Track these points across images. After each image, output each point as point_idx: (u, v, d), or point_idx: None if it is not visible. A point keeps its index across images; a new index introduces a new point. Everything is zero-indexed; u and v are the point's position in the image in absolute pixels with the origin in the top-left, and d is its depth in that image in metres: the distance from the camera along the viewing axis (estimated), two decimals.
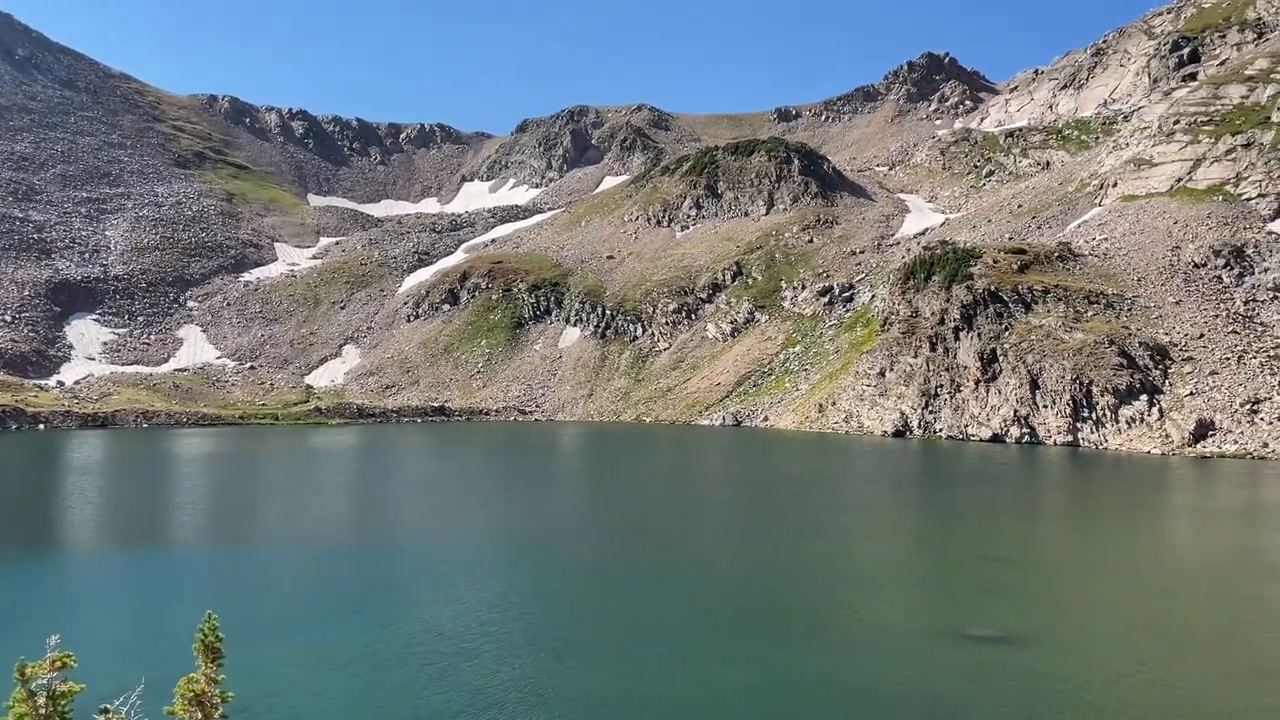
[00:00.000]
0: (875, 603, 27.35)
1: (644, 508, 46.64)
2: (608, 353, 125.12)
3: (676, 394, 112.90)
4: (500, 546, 35.48)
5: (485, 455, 77.46)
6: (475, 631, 23.23)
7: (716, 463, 71.25)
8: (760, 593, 28.14)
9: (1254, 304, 75.89)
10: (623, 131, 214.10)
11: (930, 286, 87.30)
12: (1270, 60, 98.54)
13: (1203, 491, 51.86)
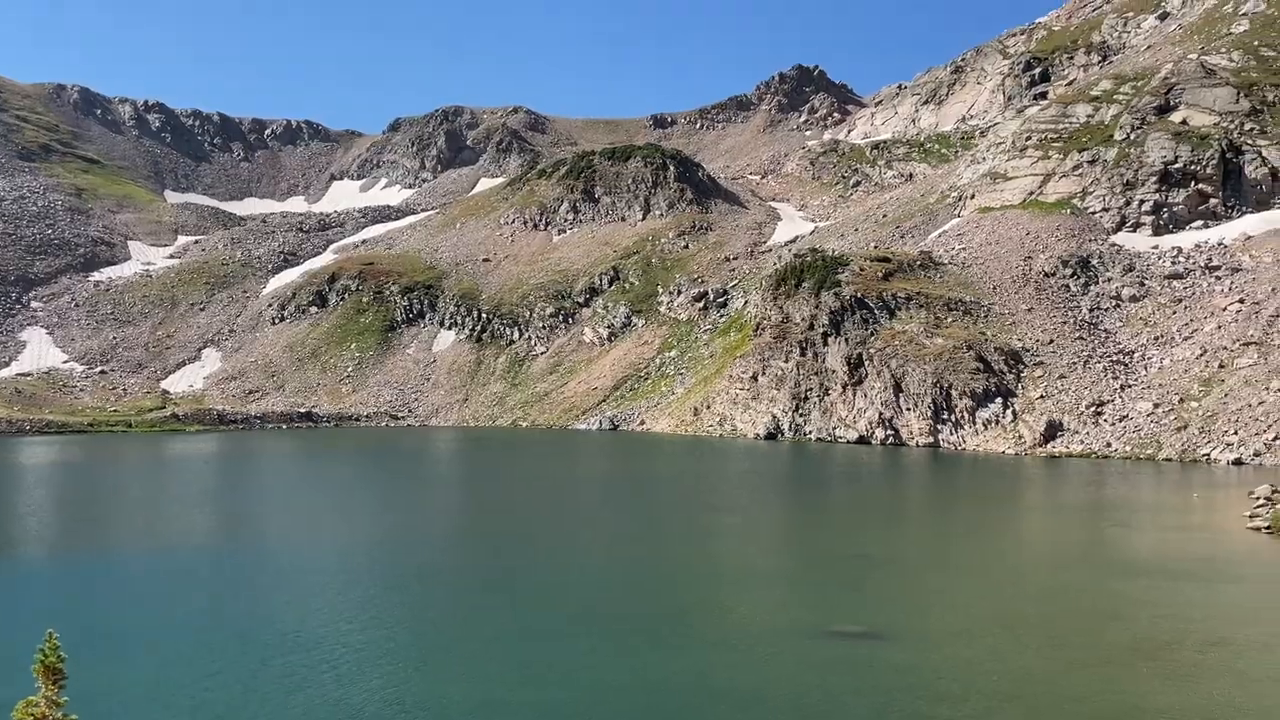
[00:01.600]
0: (745, 602, 27.65)
1: (516, 512, 46.07)
2: (483, 357, 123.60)
3: (554, 398, 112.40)
4: (364, 555, 34.39)
5: (352, 462, 75.28)
6: (335, 642, 22.37)
7: (592, 466, 71.14)
8: (631, 594, 28.08)
9: (1098, 311, 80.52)
10: (499, 133, 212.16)
11: (801, 293, 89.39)
12: (1113, 82, 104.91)
13: (1051, 489, 54.63)
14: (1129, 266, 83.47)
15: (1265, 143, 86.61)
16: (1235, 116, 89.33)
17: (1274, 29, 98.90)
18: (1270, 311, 71.41)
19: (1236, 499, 42.64)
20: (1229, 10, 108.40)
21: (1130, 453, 65.14)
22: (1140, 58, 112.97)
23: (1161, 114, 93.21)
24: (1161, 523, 41.23)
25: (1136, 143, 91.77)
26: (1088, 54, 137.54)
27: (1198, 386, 68.01)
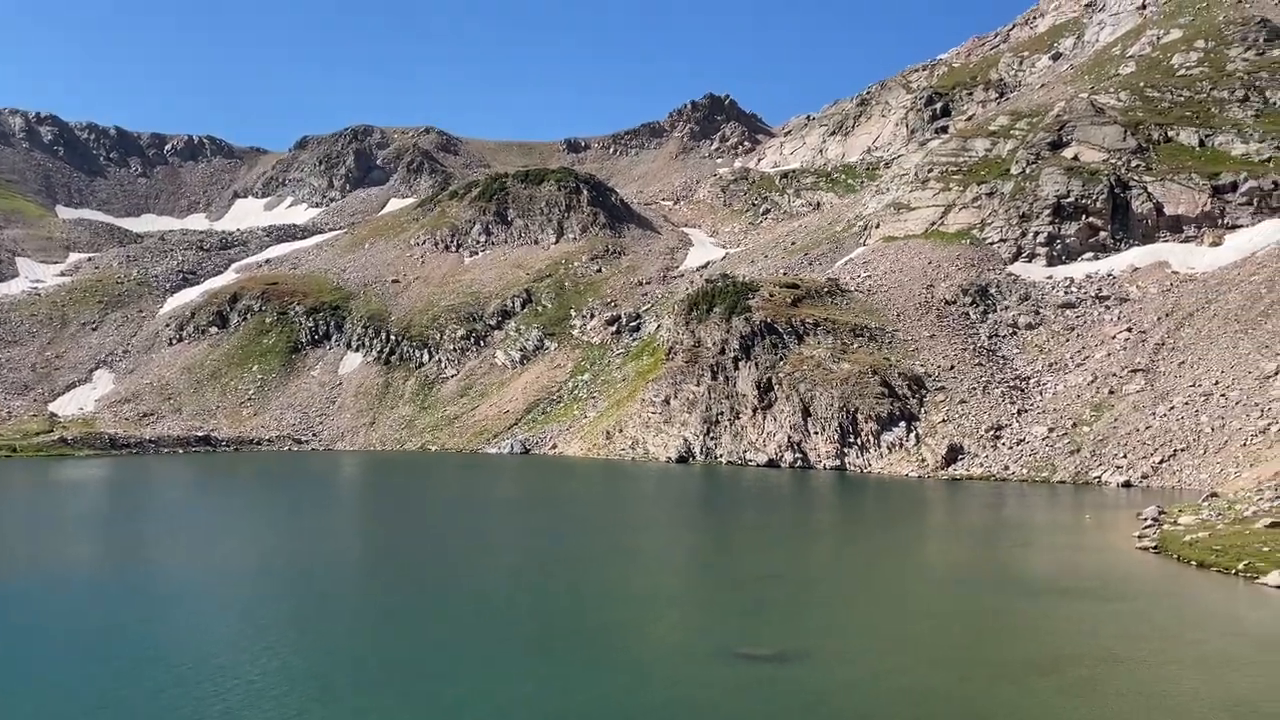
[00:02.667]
0: (654, 624, 27.51)
1: (422, 537, 45.09)
2: (392, 379, 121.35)
3: (464, 422, 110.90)
4: (260, 583, 33.16)
5: (251, 486, 72.87)
6: (228, 674, 21.42)
7: (502, 490, 70.25)
8: (538, 617, 27.68)
9: (996, 339, 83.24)
10: (410, 153, 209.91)
11: (712, 317, 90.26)
12: (1010, 118, 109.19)
13: (953, 511, 55.98)
14: (1025, 295, 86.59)
15: (1150, 179, 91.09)
16: (1123, 154, 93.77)
17: (1158, 71, 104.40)
18: (1155, 340, 74.84)
19: (1126, 520, 44.33)
20: (1117, 53, 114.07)
21: (1027, 475, 67.26)
22: (1035, 95, 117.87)
23: (1055, 150, 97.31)
24: (1056, 543, 42.57)
25: (1031, 177, 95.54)
26: (986, 91, 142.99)
27: (1089, 411, 70.73)
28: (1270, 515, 36.34)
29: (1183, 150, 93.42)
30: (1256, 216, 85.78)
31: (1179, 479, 59.93)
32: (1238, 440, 59.57)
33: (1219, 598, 29.65)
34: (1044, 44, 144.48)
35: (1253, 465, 54.91)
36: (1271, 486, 44.26)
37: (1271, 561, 30.37)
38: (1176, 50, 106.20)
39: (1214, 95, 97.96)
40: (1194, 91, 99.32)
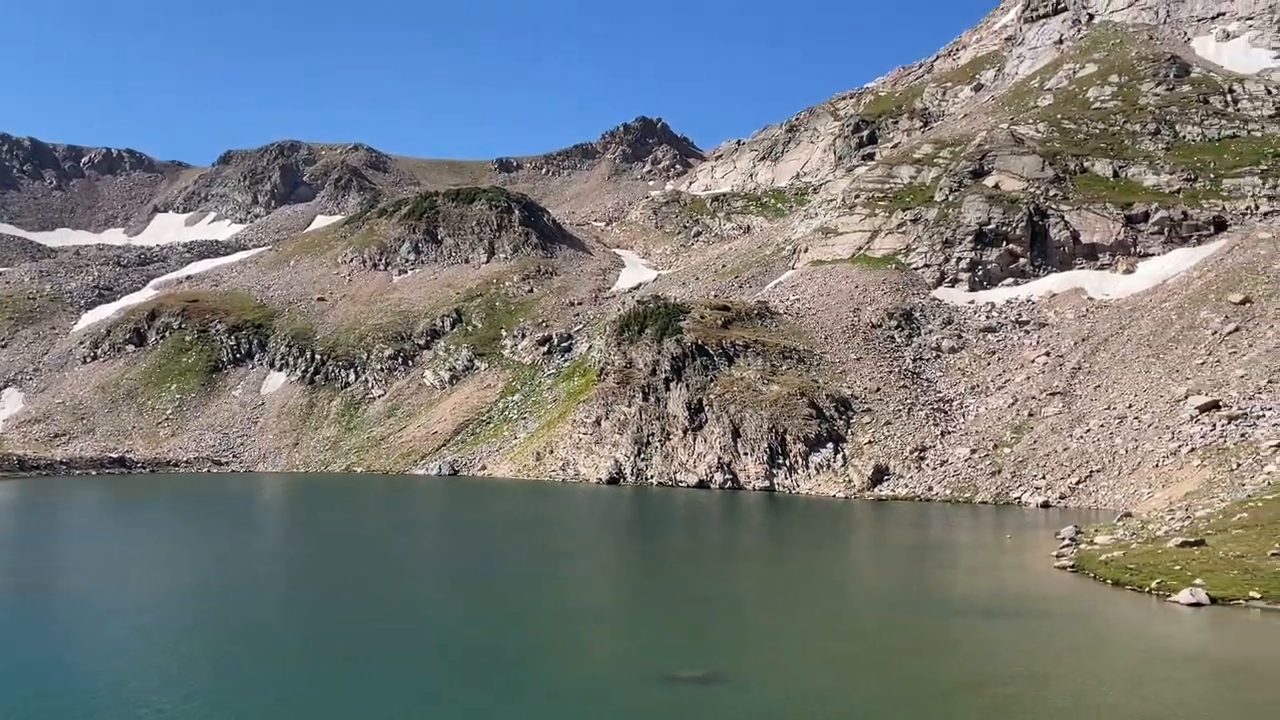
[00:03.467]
0: (584, 647, 27.26)
1: (344, 560, 44.08)
2: (316, 400, 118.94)
3: (391, 443, 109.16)
4: (171, 611, 32.01)
5: (166, 510, 70.57)
6: (132, 703, 20.57)
7: (429, 512, 69.19)
8: (466, 642, 27.21)
9: (921, 362, 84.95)
10: (338, 170, 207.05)
11: (644, 339, 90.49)
12: (934, 146, 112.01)
13: (879, 531, 56.79)
14: (948, 320, 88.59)
15: (1067, 208, 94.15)
16: (1041, 183, 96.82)
17: (1074, 104, 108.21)
18: (1072, 364, 77.14)
19: (1045, 540, 45.40)
20: (1035, 85, 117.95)
21: (950, 496, 68.57)
22: (958, 125, 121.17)
23: (976, 178, 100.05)
24: (979, 563, 43.42)
25: (954, 204, 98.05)
26: (911, 119, 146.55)
27: (1010, 433, 72.49)
28: (1181, 535, 37.55)
29: (1098, 181, 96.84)
30: (1167, 246, 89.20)
31: (1095, 499, 61.67)
32: (1150, 462, 61.56)
33: (1133, 615, 30.48)
34: (966, 75, 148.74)
35: (1164, 486, 56.77)
36: (1182, 507, 45.80)
37: (1182, 579, 31.35)
38: (1092, 84, 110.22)
39: (1127, 128, 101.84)
40: (1108, 124, 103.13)
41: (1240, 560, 32.12)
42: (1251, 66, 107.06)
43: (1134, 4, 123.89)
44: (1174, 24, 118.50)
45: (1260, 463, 50.27)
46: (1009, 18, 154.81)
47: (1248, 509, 38.82)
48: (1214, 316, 74.22)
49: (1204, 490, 49.49)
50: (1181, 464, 58.86)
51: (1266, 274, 77.20)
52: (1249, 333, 70.72)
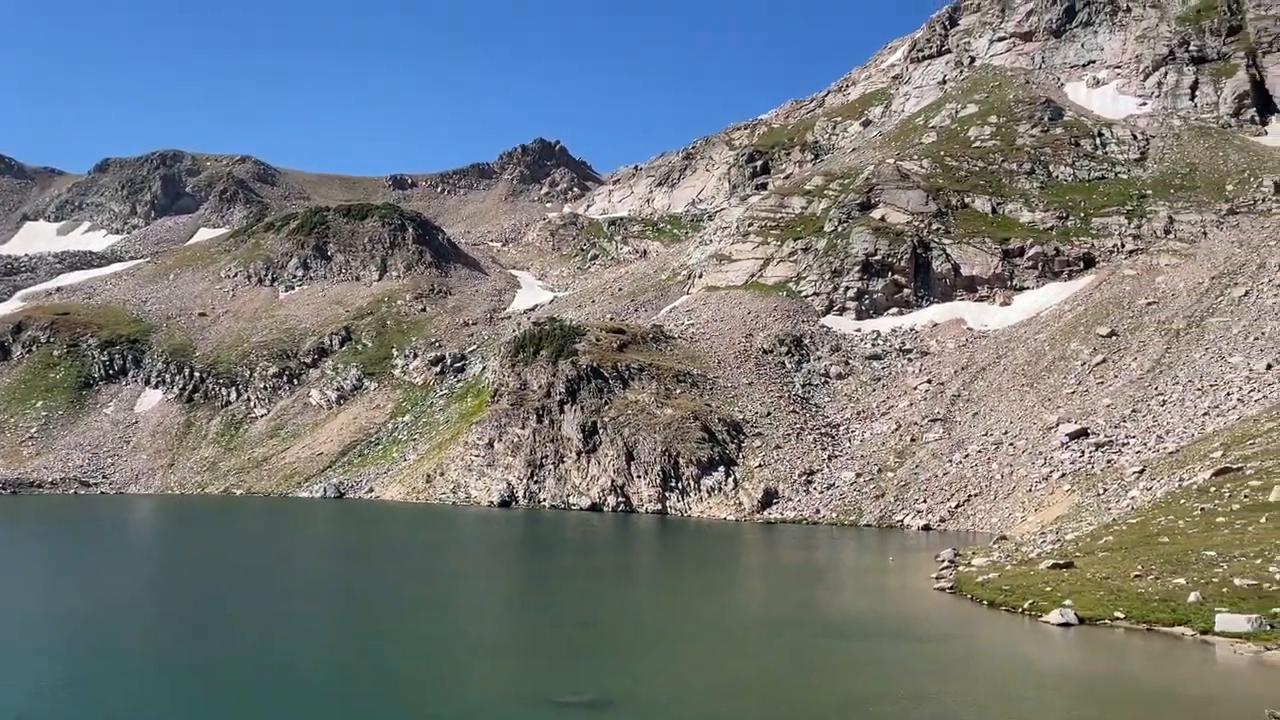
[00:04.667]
0: (471, 673, 26.74)
1: (218, 587, 42.27)
2: (194, 419, 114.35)
3: (274, 464, 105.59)
4: (20, 642, 30.12)
5: (21, 533, 66.55)
6: None
7: (313, 536, 67.03)
8: (348, 670, 26.35)
9: (810, 387, 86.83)
10: (223, 182, 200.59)
11: (539, 360, 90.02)
12: (824, 178, 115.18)
13: (768, 554, 57.56)
14: (836, 347, 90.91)
15: (949, 241, 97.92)
16: (925, 216, 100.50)
17: (956, 141, 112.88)
18: (952, 391, 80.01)
19: (925, 562, 46.76)
20: (920, 123, 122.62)
21: (836, 519, 70.10)
22: (847, 159, 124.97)
23: (864, 210, 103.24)
24: (863, 584, 44.42)
25: (843, 235, 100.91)
26: (802, 151, 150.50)
27: (893, 458, 74.63)
28: (1051, 557, 39.16)
29: (977, 216, 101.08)
30: (1041, 280, 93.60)
31: (973, 522, 63.92)
32: (1024, 486, 64.20)
33: (1007, 635, 31.59)
34: (856, 111, 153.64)
35: (1037, 510, 59.26)
36: (1053, 530, 47.82)
37: (1053, 600, 32.66)
38: (973, 124, 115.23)
39: (1005, 167, 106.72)
40: (987, 162, 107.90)
41: (1106, 581, 33.66)
42: (1119, 112, 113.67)
43: (1012, 49, 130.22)
44: (1049, 69, 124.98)
45: (1124, 488, 52.93)
46: (897, 57, 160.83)
47: (1113, 532, 40.77)
48: (1083, 348, 78.13)
49: (1073, 514, 51.80)
50: (1053, 489, 61.56)
51: (1131, 309, 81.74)
52: (1115, 364, 74.67)
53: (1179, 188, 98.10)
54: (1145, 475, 53.41)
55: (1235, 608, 28.13)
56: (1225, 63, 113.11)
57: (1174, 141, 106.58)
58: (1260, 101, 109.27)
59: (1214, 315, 75.89)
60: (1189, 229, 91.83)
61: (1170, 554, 34.41)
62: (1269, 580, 29.42)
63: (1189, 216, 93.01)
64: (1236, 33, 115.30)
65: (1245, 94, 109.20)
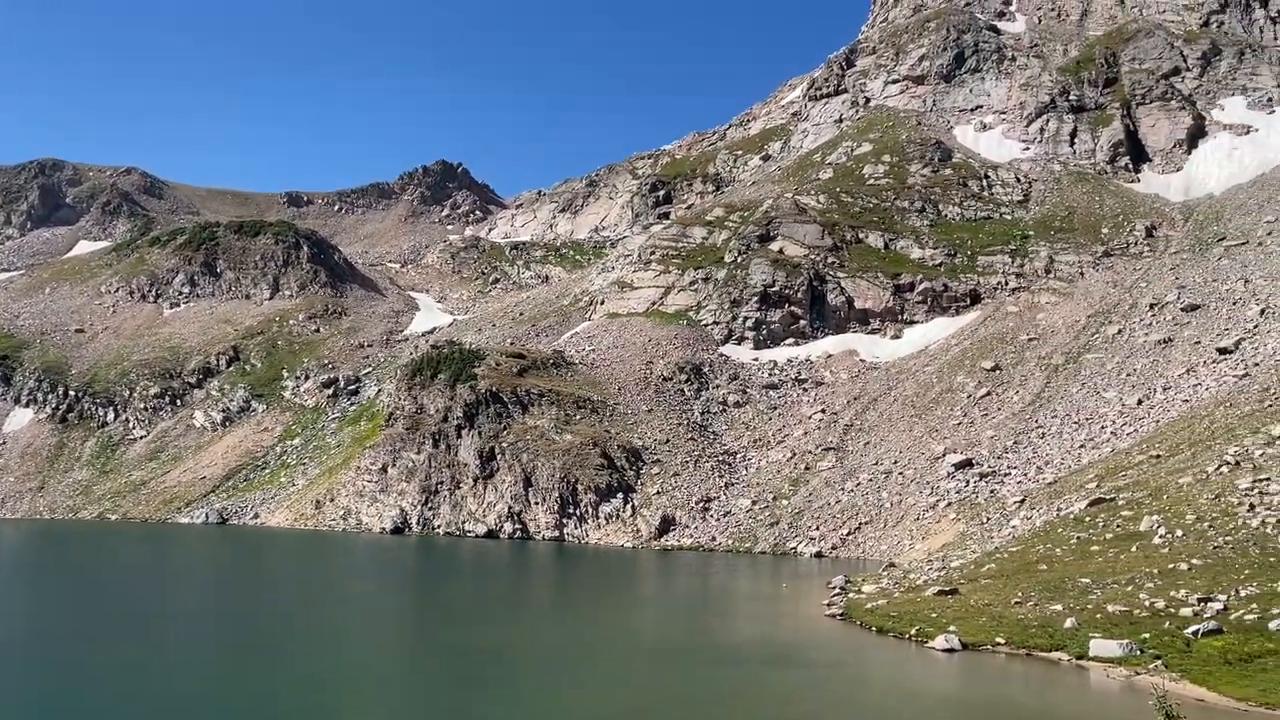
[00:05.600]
0: (359, 708, 25.87)
1: (82, 619, 40.03)
2: (68, 440, 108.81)
3: (152, 488, 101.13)
4: None
5: None
6: None
7: (190, 563, 64.21)
8: (227, 707, 25.20)
9: (708, 415, 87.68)
10: (106, 194, 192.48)
11: (436, 384, 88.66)
12: (725, 210, 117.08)
13: (664, 581, 57.63)
14: (734, 375, 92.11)
15: (843, 275, 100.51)
16: (821, 250, 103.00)
17: (851, 179, 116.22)
18: (845, 421, 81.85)
19: (817, 589, 47.47)
20: (818, 159, 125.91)
21: (732, 546, 70.69)
22: (747, 191, 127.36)
23: (763, 242, 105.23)
24: (757, 611, 44.81)
25: (742, 265, 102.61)
26: (704, 183, 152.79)
27: (788, 486, 75.80)
28: (937, 584, 40.23)
29: (870, 251, 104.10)
30: (930, 314, 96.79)
31: (863, 550, 65.28)
32: (912, 515, 65.93)
33: (894, 661, 32.25)
34: (756, 145, 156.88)
35: (924, 538, 60.90)
36: (939, 557, 49.18)
37: (938, 626, 33.52)
38: (867, 162, 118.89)
39: (897, 204, 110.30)
40: (881, 200, 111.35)
41: (988, 608, 34.72)
42: (1004, 156, 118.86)
43: (905, 91, 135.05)
44: (939, 112, 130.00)
45: (1006, 517, 54.84)
46: (796, 94, 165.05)
47: (995, 560, 42.14)
48: (969, 381, 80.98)
49: (958, 542, 53.37)
50: (939, 517, 63.39)
51: (1014, 344, 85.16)
52: (998, 397, 77.59)
53: (1059, 229, 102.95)
54: (1025, 505, 55.45)
55: (1108, 633, 29.31)
56: (1102, 112, 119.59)
57: (1055, 185, 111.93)
58: (1134, 150, 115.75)
59: (1090, 352, 79.65)
60: (1068, 269, 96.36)
61: (1048, 581, 35.71)
62: (1139, 607, 30.78)
63: (1068, 257, 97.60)
64: (1112, 84, 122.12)
65: (1120, 143, 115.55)
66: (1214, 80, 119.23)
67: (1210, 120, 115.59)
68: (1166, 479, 44.62)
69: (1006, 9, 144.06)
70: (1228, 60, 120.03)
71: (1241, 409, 55.72)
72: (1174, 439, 55.59)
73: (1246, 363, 67.95)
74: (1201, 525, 36.21)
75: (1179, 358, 73.48)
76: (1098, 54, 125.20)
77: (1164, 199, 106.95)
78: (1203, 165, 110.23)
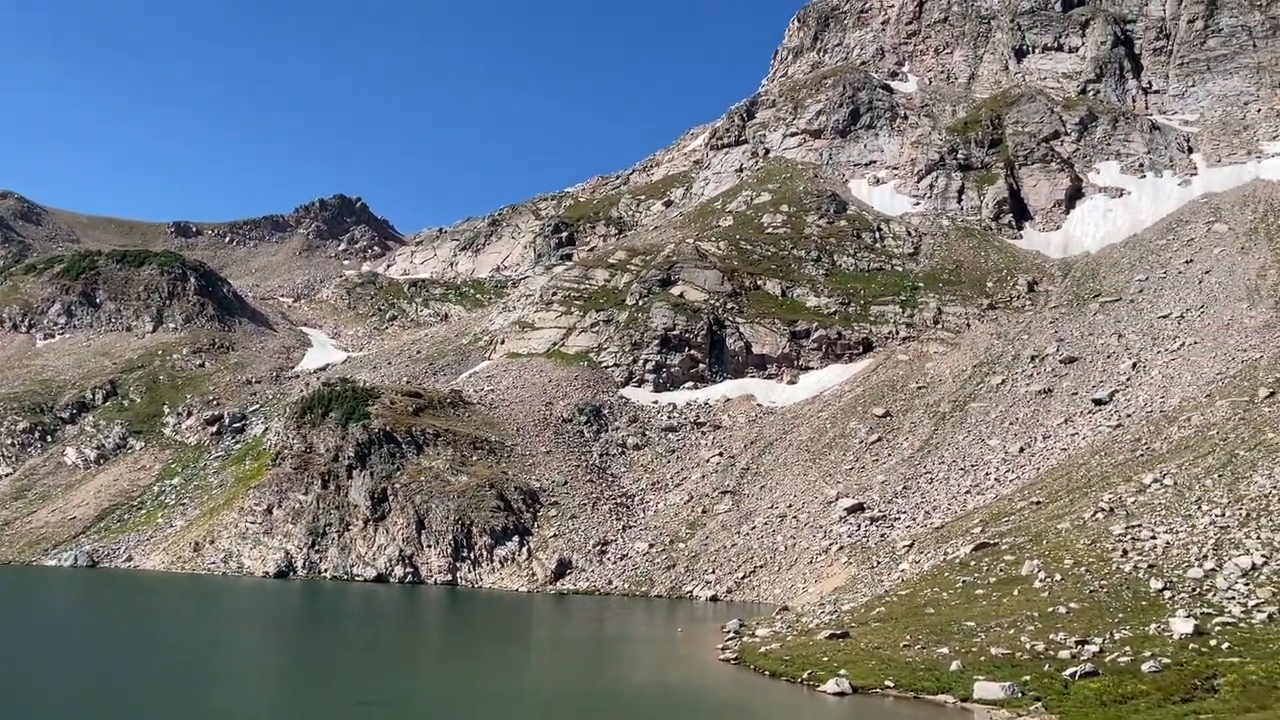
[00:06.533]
0: None
1: None
2: None
3: (17, 529, 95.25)
4: None
5: None
6: None
7: (53, 608, 60.39)
8: None
9: (607, 457, 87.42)
10: None
11: (327, 423, 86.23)
12: (627, 253, 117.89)
13: (561, 626, 56.77)
14: (634, 418, 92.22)
15: (742, 321, 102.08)
16: (720, 296, 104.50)
17: (750, 227, 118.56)
18: (742, 465, 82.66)
19: (712, 632, 47.44)
20: (718, 206, 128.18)
21: (628, 589, 70.24)
22: (649, 235, 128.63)
23: (664, 286, 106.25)
24: (653, 655, 44.45)
25: (644, 309, 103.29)
26: (607, 226, 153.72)
27: (685, 529, 75.92)
28: (829, 628, 40.62)
29: (768, 298, 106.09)
30: (824, 361, 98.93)
31: (758, 593, 65.67)
32: (805, 558, 66.73)
33: (786, 705, 32.33)
34: (659, 191, 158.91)
35: (817, 581, 61.63)
36: (831, 601, 49.77)
37: (829, 670, 33.78)
38: (766, 211, 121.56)
39: (794, 253, 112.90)
40: (779, 248, 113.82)
41: (878, 651, 35.18)
42: (896, 209, 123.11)
43: (803, 145, 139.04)
44: (835, 165, 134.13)
45: (896, 561, 55.93)
46: (698, 143, 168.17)
47: (885, 604, 42.84)
48: (861, 427, 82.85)
49: (850, 586, 54.15)
50: (831, 561, 64.31)
51: (904, 391, 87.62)
52: (889, 443, 79.54)
53: (947, 282, 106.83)
54: (914, 549, 56.69)
55: (992, 676, 29.98)
56: (988, 171, 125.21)
57: (943, 240, 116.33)
58: (1017, 208, 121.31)
59: (975, 401, 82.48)
60: (955, 320, 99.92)
61: (935, 624, 36.44)
62: (1021, 649, 31.62)
63: (955, 309, 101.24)
64: (997, 145, 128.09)
65: (1004, 200, 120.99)
66: (1090, 145, 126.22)
67: (1087, 183, 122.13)
68: (1046, 525, 46.21)
69: (899, 70, 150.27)
70: (1103, 127, 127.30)
71: (1115, 458, 58.33)
72: (1053, 486, 57.78)
73: (1120, 414, 71.33)
74: (1079, 570, 37.54)
75: (1058, 408, 76.67)
76: (984, 116, 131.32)
77: (1045, 255, 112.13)
78: (1080, 225, 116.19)
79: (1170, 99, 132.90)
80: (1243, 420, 53.69)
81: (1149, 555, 36.96)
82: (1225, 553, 35.01)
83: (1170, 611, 31.55)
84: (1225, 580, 32.97)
